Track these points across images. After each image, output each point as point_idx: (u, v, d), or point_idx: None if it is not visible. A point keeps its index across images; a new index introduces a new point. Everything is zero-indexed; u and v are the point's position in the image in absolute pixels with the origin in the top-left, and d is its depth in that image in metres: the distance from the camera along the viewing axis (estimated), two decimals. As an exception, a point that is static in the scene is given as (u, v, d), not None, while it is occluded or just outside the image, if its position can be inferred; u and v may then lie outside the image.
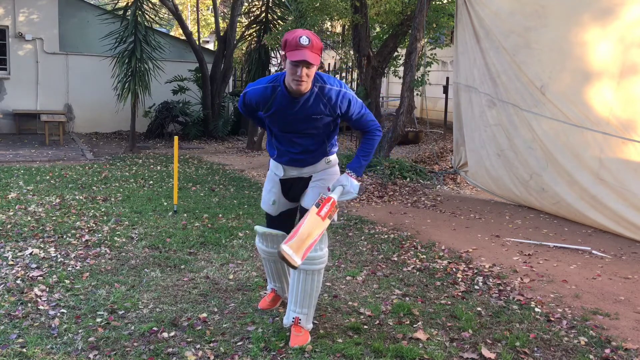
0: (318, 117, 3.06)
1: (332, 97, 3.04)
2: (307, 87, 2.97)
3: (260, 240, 3.47)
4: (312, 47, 2.86)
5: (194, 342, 3.14)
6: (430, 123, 13.44)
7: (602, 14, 5.89)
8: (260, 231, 3.43)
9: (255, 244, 3.58)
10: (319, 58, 2.91)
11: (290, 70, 2.91)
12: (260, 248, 3.50)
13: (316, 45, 2.89)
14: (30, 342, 3.06)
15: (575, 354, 3.16)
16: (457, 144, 8.13)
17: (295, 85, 2.93)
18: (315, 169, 3.26)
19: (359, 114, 3.14)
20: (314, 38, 2.90)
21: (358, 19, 8.74)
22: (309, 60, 2.83)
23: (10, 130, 12.25)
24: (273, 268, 3.56)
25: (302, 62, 2.84)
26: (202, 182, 7.92)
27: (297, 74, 2.88)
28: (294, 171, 3.27)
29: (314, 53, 2.87)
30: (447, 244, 5.29)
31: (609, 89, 5.79)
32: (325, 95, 3.03)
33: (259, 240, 3.50)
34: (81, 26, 12.78)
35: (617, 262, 4.94)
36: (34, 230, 5.14)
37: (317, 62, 2.88)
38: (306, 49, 2.85)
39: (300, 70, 2.87)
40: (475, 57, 7.32)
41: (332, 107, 3.05)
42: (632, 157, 5.61)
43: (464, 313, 3.64)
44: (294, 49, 2.86)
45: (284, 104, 3.05)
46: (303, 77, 2.89)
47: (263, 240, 3.45)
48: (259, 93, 3.11)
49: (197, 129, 12.52)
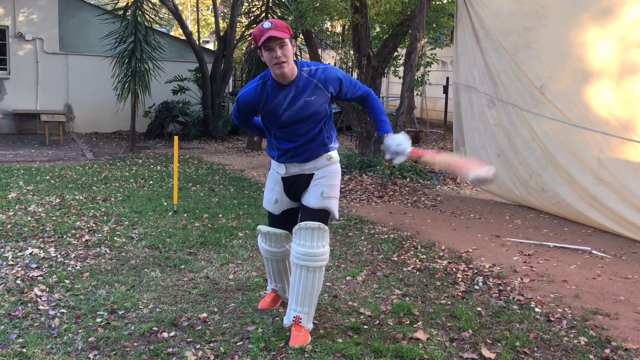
0: (312, 99, 3.10)
1: (321, 76, 3.10)
2: (290, 68, 3.02)
3: (263, 240, 3.48)
4: (275, 27, 2.94)
5: (194, 342, 3.14)
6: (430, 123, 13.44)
7: (602, 14, 5.89)
8: (264, 230, 3.43)
9: (258, 244, 3.58)
10: (286, 34, 2.96)
11: (268, 57, 2.98)
12: (263, 248, 3.50)
13: (280, 24, 2.97)
14: (30, 342, 3.06)
15: (575, 354, 3.16)
16: (457, 144, 8.13)
17: (278, 69, 2.99)
18: (316, 165, 3.25)
19: (350, 83, 3.20)
20: (277, 21, 2.99)
21: (358, 19, 8.74)
22: (275, 35, 2.90)
23: (10, 130, 12.25)
24: (274, 268, 3.56)
25: (271, 39, 2.91)
26: (202, 182, 7.92)
27: (274, 55, 2.94)
28: (296, 168, 3.26)
29: (279, 30, 2.94)
30: (447, 244, 5.29)
31: (608, 89, 5.79)
32: (313, 76, 3.09)
33: (261, 239, 3.50)
34: (81, 26, 12.78)
35: (617, 262, 4.94)
36: (34, 230, 5.14)
37: (285, 35, 2.94)
38: (270, 29, 2.93)
39: (275, 52, 2.94)
40: (475, 57, 7.32)
41: (324, 85, 3.10)
42: (631, 157, 5.61)
43: (464, 313, 3.64)
44: (260, 35, 2.95)
45: (277, 96, 3.11)
46: (281, 57, 2.95)
47: (266, 240, 3.45)
48: (251, 93, 3.15)
49: (197, 129, 12.53)
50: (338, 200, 3.31)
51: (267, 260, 3.56)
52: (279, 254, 3.45)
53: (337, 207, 3.30)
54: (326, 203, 3.19)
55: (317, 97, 3.10)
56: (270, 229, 3.41)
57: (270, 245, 3.44)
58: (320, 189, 3.21)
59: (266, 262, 3.59)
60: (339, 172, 3.34)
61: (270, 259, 3.52)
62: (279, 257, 3.47)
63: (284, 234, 3.37)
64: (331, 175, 3.27)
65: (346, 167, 8.48)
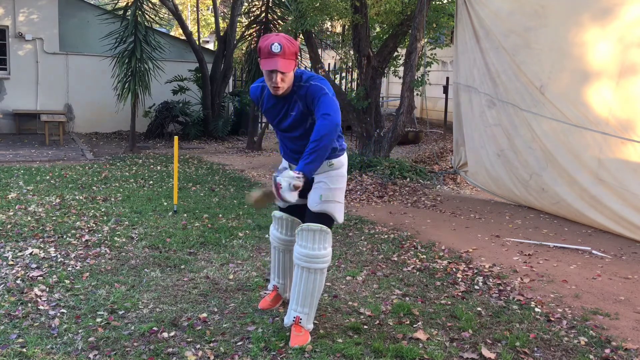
0: (293, 114, 3.11)
1: (303, 93, 3.05)
2: (284, 90, 3.03)
3: (276, 227, 3.53)
4: (284, 54, 2.90)
5: (194, 342, 3.14)
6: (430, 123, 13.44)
7: (602, 14, 5.89)
8: (278, 215, 3.48)
9: (270, 232, 3.61)
10: (292, 63, 2.95)
11: (266, 77, 3.00)
12: (274, 235, 3.54)
13: (289, 50, 2.91)
14: (30, 342, 3.06)
15: (575, 354, 3.17)
16: (457, 144, 8.13)
17: (272, 91, 3.03)
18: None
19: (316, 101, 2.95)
20: (287, 43, 2.91)
21: (358, 19, 8.74)
22: (280, 70, 2.89)
23: (10, 130, 12.25)
24: (280, 260, 3.57)
25: (274, 71, 2.91)
26: (202, 182, 7.92)
27: (273, 80, 2.95)
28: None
29: (286, 60, 2.90)
30: (447, 244, 5.29)
31: (608, 89, 5.79)
32: (301, 94, 3.07)
33: (273, 226, 3.55)
34: (81, 26, 12.78)
35: (617, 262, 4.94)
36: (34, 230, 5.14)
37: (289, 69, 2.93)
38: (278, 57, 2.89)
39: (275, 77, 2.94)
40: (475, 57, 7.33)
41: (304, 102, 3.07)
42: (631, 157, 5.61)
43: (464, 313, 3.64)
44: (267, 57, 2.91)
45: (270, 103, 3.17)
46: (279, 84, 2.96)
47: (278, 226, 3.51)
48: (255, 91, 3.28)
49: (197, 129, 12.52)
50: (342, 204, 3.29)
51: (275, 250, 3.58)
52: (288, 242, 3.47)
53: (341, 211, 3.27)
54: (325, 207, 3.19)
55: (300, 113, 3.09)
56: (284, 214, 3.45)
57: (282, 232, 3.49)
58: (319, 192, 3.22)
59: (273, 253, 3.61)
60: (343, 176, 3.32)
61: (278, 248, 3.55)
62: (287, 247, 3.49)
63: (297, 220, 3.42)
64: (332, 180, 3.26)
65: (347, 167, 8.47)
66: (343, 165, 3.34)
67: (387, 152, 8.84)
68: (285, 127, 3.19)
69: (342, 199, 3.28)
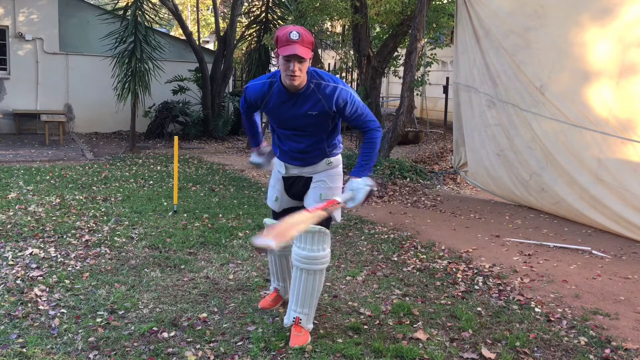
0: (314, 114, 3.07)
1: (328, 94, 3.04)
2: (301, 81, 2.99)
3: None
4: (302, 42, 2.90)
5: (194, 342, 3.14)
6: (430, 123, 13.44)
7: (602, 14, 5.89)
8: (269, 223, 3.45)
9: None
10: (310, 52, 2.94)
11: (283, 66, 2.95)
12: None
13: (307, 39, 2.92)
14: (30, 342, 3.06)
15: (575, 354, 3.17)
16: (457, 144, 8.13)
17: (289, 80, 2.96)
18: (315, 169, 3.26)
19: (355, 112, 3.10)
20: (305, 33, 2.93)
21: (358, 19, 8.74)
22: (299, 54, 2.87)
23: (10, 130, 12.25)
24: (277, 264, 3.56)
25: (293, 56, 2.88)
26: (202, 182, 7.92)
27: (290, 68, 2.92)
28: (295, 170, 3.28)
29: (304, 47, 2.90)
30: (447, 244, 5.29)
31: (608, 88, 5.79)
32: (321, 91, 3.04)
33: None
34: (81, 26, 12.78)
35: (617, 262, 4.94)
36: (34, 230, 5.14)
37: (308, 55, 2.92)
38: (296, 43, 2.88)
39: (292, 65, 2.91)
40: (475, 57, 7.33)
41: (328, 103, 3.05)
42: (631, 157, 5.61)
43: (464, 313, 3.64)
44: (285, 44, 2.90)
45: (280, 100, 3.10)
46: (296, 72, 2.92)
47: None
48: (258, 89, 3.18)
49: (197, 129, 12.52)
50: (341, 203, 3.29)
51: (271, 256, 3.56)
52: (282, 248, 3.44)
53: (339, 211, 3.28)
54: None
55: (318, 112, 3.07)
56: (274, 222, 3.42)
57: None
58: (318, 191, 3.21)
59: (270, 258, 3.60)
60: (340, 175, 3.33)
61: (274, 254, 3.53)
62: (282, 252, 3.47)
63: None
64: (331, 178, 3.26)
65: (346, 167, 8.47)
66: (340, 164, 3.35)
67: (387, 152, 8.84)
68: (296, 125, 3.13)
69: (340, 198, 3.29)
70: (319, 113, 3.07)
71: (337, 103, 3.05)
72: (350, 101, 3.07)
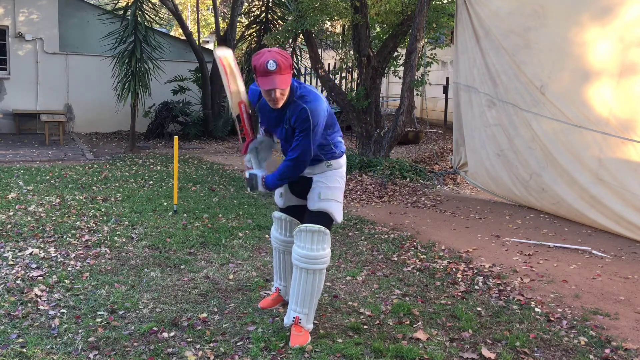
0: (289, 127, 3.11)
1: (297, 117, 3.03)
2: (283, 102, 3.03)
3: (276, 228, 3.53)
4: (280, 71, 2.89)
5: (194, 342, 3.14)
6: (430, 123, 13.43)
7: (602, 14, 5.89)
8: (277, 215, 3.49)
9: (271, 234, 3.61)
10: (289, 78, 2.95)
11: (265, 95, 2.99)
12: (274, 236, 3.54)
13: (284, 66, 2.91)
14: (30, 342, 3.06)
15: (575, 354, 3.17)
16: (457, 144, 8.13)
17: (272, 106, 3.03)
18: (314, 170, 3.28)
19: (298, 135, 3.04)
20: (281, 59, 2.90)
21: (358, 19, 8.74)
22: (278, 87, 2.90)
23: (10, 130, 12.25)
24: (281, 261, 3.57)
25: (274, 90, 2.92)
26: (202, 182, 7.92)
27: (272, 96, 2.96)
28: None
29: (283, 75, 2.90)
30: (447, 244, 5.29)
31: (608, 88, 5.79)
32: (293, 111, 3.05)
33: (274, 227, 3.55)
34: (81, 26, 12.78)
35: (617, 262, 4.94)
36: (34, 230, 5.14)
37: (287, 84, 2.94)
38: (274, 74, 2.88)
39: (274, 94, 2.94)
40: (475, 57, 7.33)
41: (295, 126, 3.07)
42: (631, 157, 5.61)
43: (464, 313, 3.64)
44: (263, 74, 2.91)
45: (267, 109, 3.18)
46: (278, 100, 2.98)
47: (278, 227, 3.51)
48: (254, 94, 3.28)
49: (197, 129, 12.52)
50: (341, 204, 3.30)
51: (276, 252, 3.58)
52: (288, 243, 3.47)
53: (340, 211, 3.28)
54: (324, 205, 3.19)
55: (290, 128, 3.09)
56: (283, 214, 3.45)
57: (281, 233, 3.49)
58: (318, 190, 3.23)
59: (275, 254, 3.61)
60: (341, 177, 3.33)
61: (278, 249, 3.55)
62: (287, 248, 3.48)
63: (295, 221, 3.42)
64: (330, 179, 3.27)
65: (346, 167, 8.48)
66: (341, 167, 3.35)
67: (387, 152, 8.84)
68: (282, 136, 3.21)
69: (340, 198, 3.29)
70: (289, 127, 3.11)
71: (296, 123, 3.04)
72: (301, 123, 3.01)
